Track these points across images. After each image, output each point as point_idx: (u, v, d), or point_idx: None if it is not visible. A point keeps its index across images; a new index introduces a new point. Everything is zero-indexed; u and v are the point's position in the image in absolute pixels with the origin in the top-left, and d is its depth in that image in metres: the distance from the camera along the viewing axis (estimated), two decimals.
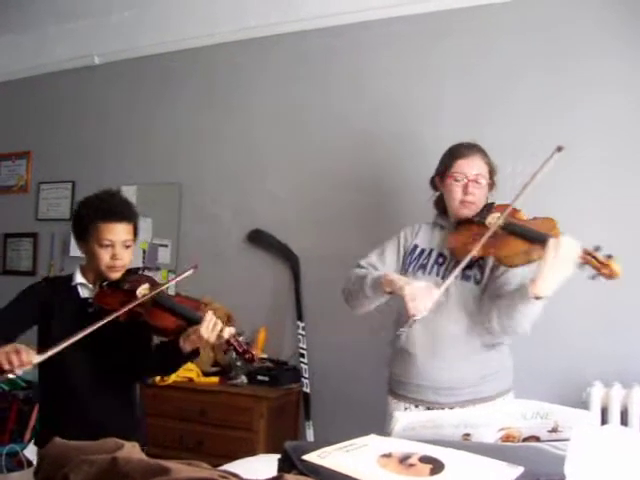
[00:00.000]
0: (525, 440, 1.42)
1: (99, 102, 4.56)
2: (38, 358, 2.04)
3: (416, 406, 2.44)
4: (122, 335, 2.27)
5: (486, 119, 3.34)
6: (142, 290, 2.32)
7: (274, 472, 1.13)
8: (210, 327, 2.18)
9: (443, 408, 2.34)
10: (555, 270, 2.13)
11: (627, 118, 3.09)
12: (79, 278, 2.39)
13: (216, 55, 4.16)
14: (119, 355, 2.31)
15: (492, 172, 2.49)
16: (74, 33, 4.62)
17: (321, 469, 1.10)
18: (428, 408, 2.40)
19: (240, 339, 2.29)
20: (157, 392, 3.41)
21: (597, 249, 2.13)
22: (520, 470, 1.10)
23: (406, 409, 2.45)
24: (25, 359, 2.01)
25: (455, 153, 2.49)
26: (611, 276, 2.11)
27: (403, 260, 2.55)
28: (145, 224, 3.97)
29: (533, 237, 2.22)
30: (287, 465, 1.16)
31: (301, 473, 1.10)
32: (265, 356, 3.70)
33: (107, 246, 2.30)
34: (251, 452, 2.79)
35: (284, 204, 3.86)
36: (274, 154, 3.93)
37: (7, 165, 4.93)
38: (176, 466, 1.07)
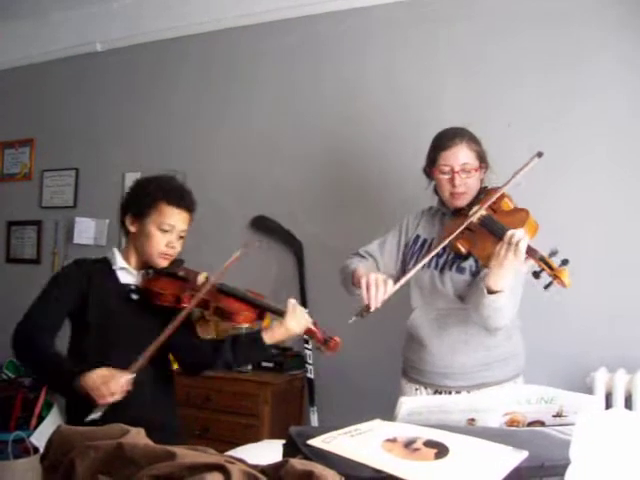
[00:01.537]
0: (530, 425, 1.42)
1: (102, 89, 4.55)
2: (130, 375, 1.94)
3: (425, 388, 2.47)
4: (167, 321, 2.09)
5: (482, 104, 3.33)
6: (201, 279, 2.23)
7: (279, 457, 1.13)
8: (297, 317, 2.15)
9: (451, 392, 2.38)
10: (499, 265, 2.09)
11: (627, 111, 3.09)
12: (121, 262, 2.24)
13: (219, 41, 4.15)
14: (165, 346, 2.11)
15: (482, 157, 2.42)
16: (76, 20, 4.60)
17: (326, 454, 1.11)
18: (436, 391, 2.43)
19: (319, 326, 2.23)
20: None
21: (553, 253, 2.06)
22: (525, 454, 1.11)
23: (416, 390, 2.49)
24: (122, 383, 1.91)
25: (439, 145, 2.41)
26: (561, 286, 2.02)
27: (404, 251, 2.54)
28: None
29: (499, 234, 2.14)
30: (292, 450, 1.16)
31: (306, 458, 1.10)
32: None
33: (166, 231, 2.19)
34: (256, 438, 2.80)
35: (287, 190, 3.85)
36: (278, 140, 3.92)
37: (11, 153, 4.93)
38: (182, 451, 1.07)
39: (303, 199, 3.81)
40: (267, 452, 1.35)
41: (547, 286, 2.05)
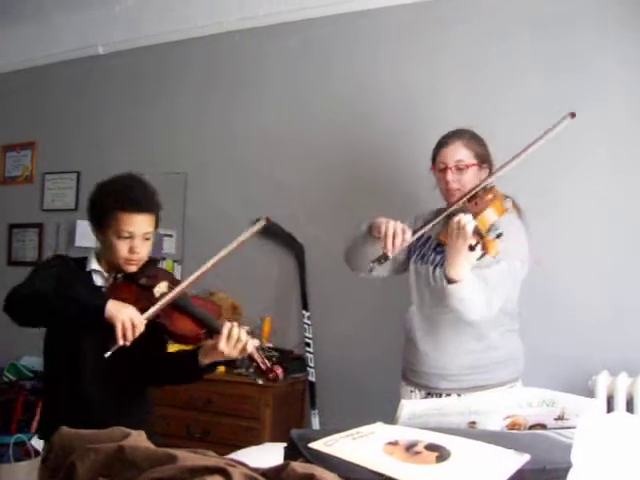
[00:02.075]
0: (531, 428, 1.42)
1: (104, 92, 4.55)
2: (145, 316, 1.97)
3: (419, 390, 2.48)
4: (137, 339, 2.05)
5: (488, 106, 3.33)
6: (160, 289, 2.16)
7: (280, 460, 1.13)
8: (232, 342, 2.02)
9: (441, 395, 2.41)
10: (453, 249, 2.12)
11: (627, 113, 3.09)
12: (94, 264, 2.24)
13: (221, 44, 4.15)
14: (131, 355, 2.05)
15: (481, 156, 2.45)
16: (78, 23, 4.60)
17: (327, 457, 1.10)
18: (428, 394, 2.44)
19: (263, 355, 2.13)
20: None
21: (492, 228, 2.12)
22: (526, 458, 1.10)
23: (411, 392, 2.50)
24: (139, 322, 1.94)
25: (438, 143, 2.50)
26: (488, 254, 2.04)
27: (408, 246, 2.52)
28: None
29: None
30: (293, 453, 1.16)
31: (307, 461, 1.10)
32: (271, 345, 3.70)
33: (126, 238, 2.13)
34: (257, 441, 2.80)
35: (289, 193, 3.85)
36: (279, 143, 3.92)
37: (12, 156, 4.93)
38: (183, 454, 1.07)
39: (305, 202, 3.81)
40: (268, 455, 1.35)
41: (480, 257, 2.08)
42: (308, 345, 3.64)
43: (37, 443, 3.17)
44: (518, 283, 2.41)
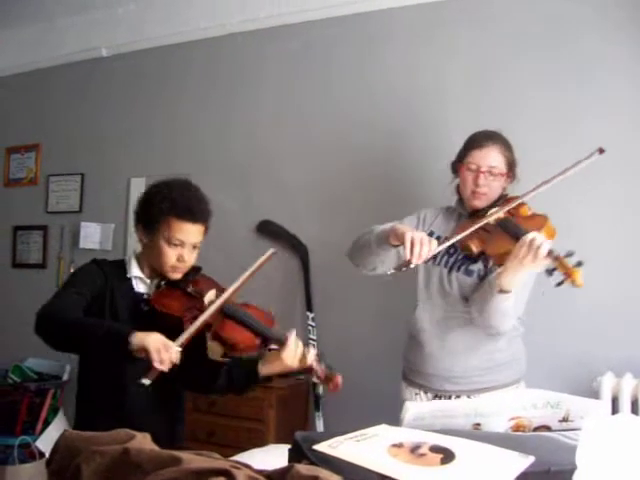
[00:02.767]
0: (536, 430, 1.42)
1: (107, 94, 4.56)
2: (178, 348, 1.87)
3: (425, 392, 2.46)
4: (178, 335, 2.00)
5: (489, 104, 3.33)
6: (209, 297, 2.12)
7: (285, 462, 1.13)
8: (295, 353, 2.01)
9: (451, 396, 2.38)
10: (516, 264, 2.10)
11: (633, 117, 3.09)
12: (136, 271, 2.19)
13: (223, 46, 4.15)
14: (181, 369, 1.97)
15: (511, 164, 2.43)
16: (81, 25, 4.61)
17: (332, 459, 1.11)
18: (436, 395, 2.43)
19: (322, 364, 2.10)
20: None
21: (569, 254, 2.06)
22: (531, 459, 1.10)
23: (416, 395, 2.48)
24: (173, 354, 1.84)
25: (472, 142, 2.44)
26: (573, 285, 2.02)
27: None
28: None
29: (516, 235, 2.16)
30: (298, 455, 1.16)
31: (312, 463, 1.10)
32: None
33: (176, 245, 2.10)
34: (261, 443, 2.80)
35: (293, 194, 3.85)
36: (282, 145, 3.92)
37: (16, 158, 4.94)
38: (187, 456, 1.07)
39: (308, 204, 3.81)
40: (273, 457, 1.35)
41: (559, 284, 2.05)
42: (312, 347, 3.64)
43: (42, 445, 3.18)
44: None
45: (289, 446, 1.23)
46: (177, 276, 2.16)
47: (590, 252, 3.02)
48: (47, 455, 1.23)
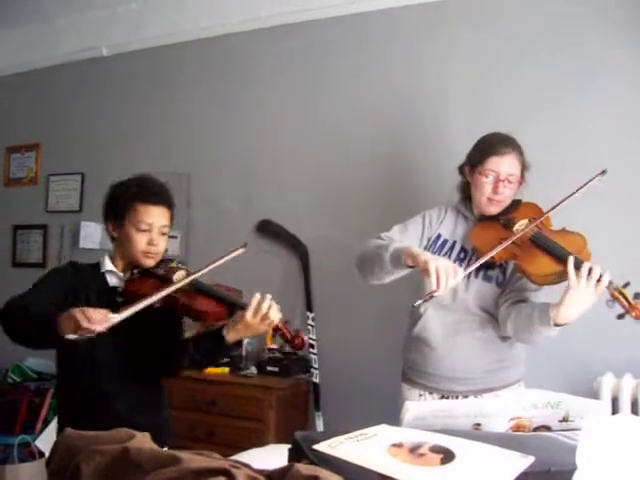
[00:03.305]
0: (536, 430, 1.41)
1: (108, 93, 4.56)
2: (116, 316, 1.87)
3: (430, 393, 2.45)
4: (154, 323, 2.13)
5: (490, 104, 3.33)
6: (179, 276, 2.19)
7: (284, 462, 1.13)
8: (258, 312, 2.03)
9: (457, 397, 2.38)
10: (577, 299, 2.06)
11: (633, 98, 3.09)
12: (108, 265, 2.26)
13: (223, 45, 4.16)
14: (151, 345, 2.18)
15: (524, 169, 2.40)
16: (82, 25, 4.62)
17: (332, 459, 1.10)
18: (443, 396, 2.42)
19: (287, 325, 2.16)
20: (167, 383, 3.41)
21: (626, 285, 2.04)
22: (531, 460, 1.10)
23: (421, 396, 2.47)
24: (104, 316, 1.84)
25: (490, 148, 2.36)
26: (638, 318, 2.00)
27: (426, 245, 2.48)
28: None
29: (563, 258, 2.10)
30: (297, 455, 1.16)
31: (312, 463, 1.10)
32: (275, 347, 3.70)
33: (144, 230, 2.18)
34: (261, 442, 2.80)
35: (293, 194, 3.86)
36: (283, 145, 3.92)
37: (17, 157, 4.94)
38: (187, 456, 1.07)
39: (309, 203, 3.81)
40: (272, 457, 1.35)
41: (621, 316, 2.04)
42: (312, 346, 3.64)
43: (42, 444, 3.18)
44: None
45: (289, 446, 1.23)
46: (150, 263, 2.22)
47: (592, 253, 3.06)
48: (47, 454, 1.23)
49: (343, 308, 3.64)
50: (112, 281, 2.26)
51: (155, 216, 2.20)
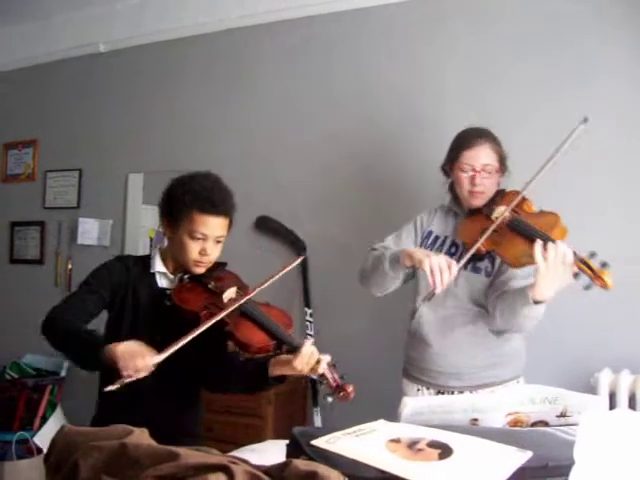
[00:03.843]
0: (533, 425, 1.42)
1: (105, 90, 4.55)
2: (157, 358, 1.82)
3: (427, 388, 2.47)
4: (198, 339, 1.98)
5: (488, 102, 3.33)
6: (229, 294, 2.10)
7: (283, 458, 1.13)
8: (308, 361, 1.94)
9: (453, 392, 2.38)
10: (548, 277, 2.08)
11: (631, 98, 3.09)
12: (159, 266, 2.19)
13: (221, 42, 4.15)
14: (193, 351, 1.99)
15: (502, 159, 2.42)
16: (79, 21, 4.61)
17: (330, 454, 1.11)
18: (439, 391, 2.43)
19: (334, 372, 2.01)
20: None
21: (592, 255, 2.06)
22: (529, 455, 1.10)
23: (418, 390, 2.48)
24: (148, 363, 1.79)
25: (462, 143, 2.41)
26: (603, 287, 2.02)
27: (419, 245, 2.52)
28: (152, 212, 3.97)
29: (533, 237, 2.14)
30: (295, 450, 1.16)
31: (310, 458, 1.10)
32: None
33: (198, 239, 2.08)
34: (259, 438, 2.80)
35: (291, 190, 3.85)
36: (280, 141, 3.92)
37: (14, 153, 4.93)
38: (185, 452, 1.07)
39: (307, 199, 3.81)
40: (271, 452, 1.35)
41: (587, 287, 2.05)
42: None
43: (40, 441, 3.17)
44: None
45: (287, 442, 1.23)
46: (200, 271, 2.15)
47: (589, 249, 3.06)
48: (45, 451, 1.23)
49: (341, 304, 3.65)
50: (162, 282, 2.20)
51: (212, 227, 2.10)
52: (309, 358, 1.95)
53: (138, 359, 1.80)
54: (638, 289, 2.97)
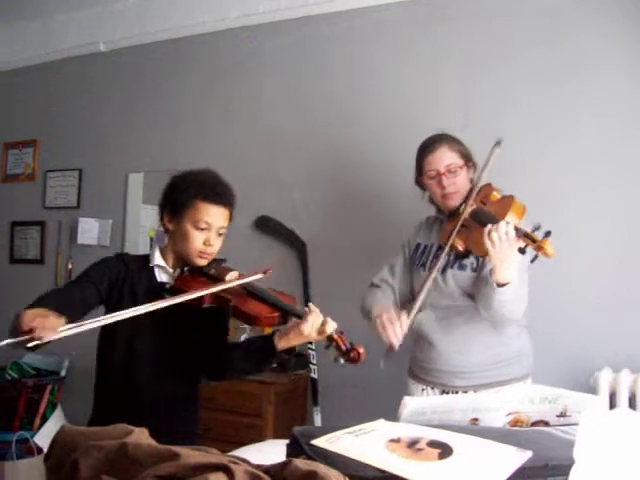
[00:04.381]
0: (533, 424, 1.42)
1: (105, 89, 4.55)
2: (65, 329, 1.72)
3: (432, 388, 2.48)
4: (199, 323, 2.11)
5: (480, 105, 3.33)
6: (231, 277, 2.12)
7: (283, 457, 1.13)
8: (314, 324, 1.97)
9: (457, 392, 2.39)
10: (498, 257, 2.11)
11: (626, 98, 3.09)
12: (158, 259, 2.20)
13: (221, 41, 4.15)
14: (193, 345, 2.12)
15: (467, 156, 2.46)
16: (80, 20, 4.61)
17: (330, 454, 1.11)
18: (443, 391, 2.44)
19: (343, 335, 2.04)
20: None
21: (537, 228, 2.08)
22: (529, 454, 1.10)
23: (423, 390, 2.50)
24: (52, 324, 1.70)
25: (422, 152, 2.49)
26: (546, 255, 2.02)
27: (410, 262, 2.58)
28: (152, 212, 3.97)
29: (485, 224, 2.16)
30: (296, 450, 1.16)
31: (310, 458, 1.10)
32: None
33: (203, 229, 2.11)
34: (259, 438, 2.80)
35: (291, 190, 3.85)
36: (281, 140, 3.92)
37: (14, 153, 4.93)
38: (185, 451, 1.07)
39: (307, 199, 3.81)
40: (271, 452, 1.35)
41: (533, 259, 2.08)
42: (310, 342, 3.64)
43: (40, 440, 3.18)
44: None
45: (287, 441, 1.23)
46: (203, 262, 2.16)
47: (589, 249, 3.07)
48: (45, 451, 1.23)
49: (341, 304, 3.62)
50: (161, 277, 2.21)
51: (215, 216, 2.13)
52: (315, 319, 1.97)
53: (39, 318, 1.73)
54: (637, 288, 2.98)
